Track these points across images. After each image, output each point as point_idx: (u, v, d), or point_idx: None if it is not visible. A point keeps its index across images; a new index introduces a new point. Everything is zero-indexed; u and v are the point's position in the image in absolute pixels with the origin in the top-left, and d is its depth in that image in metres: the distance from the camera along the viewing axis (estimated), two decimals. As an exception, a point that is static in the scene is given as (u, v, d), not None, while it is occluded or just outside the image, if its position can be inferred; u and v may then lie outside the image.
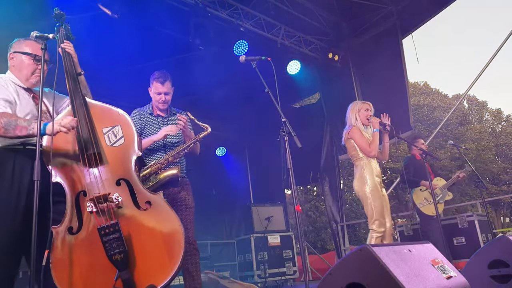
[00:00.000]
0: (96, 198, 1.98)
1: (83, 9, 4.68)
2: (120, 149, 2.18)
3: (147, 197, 2.11)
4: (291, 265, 6.30)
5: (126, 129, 2.22)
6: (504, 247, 2.44)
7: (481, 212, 5.75)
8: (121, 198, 2.04)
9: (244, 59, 2.85)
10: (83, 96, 2.23)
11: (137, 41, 5.64)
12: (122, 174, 2.13)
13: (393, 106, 6.49)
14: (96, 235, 1.93)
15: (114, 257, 1.89)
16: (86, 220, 2.02)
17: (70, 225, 2.00)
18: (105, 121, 2.23)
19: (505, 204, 24.48)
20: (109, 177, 2.10)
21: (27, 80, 2.25)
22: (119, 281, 1.89)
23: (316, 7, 6.54)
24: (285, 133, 2.53)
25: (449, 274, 2.03)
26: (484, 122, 29.19)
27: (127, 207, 2.06)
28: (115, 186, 2.08)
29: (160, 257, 1.98)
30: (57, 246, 1.95)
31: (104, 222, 1.94)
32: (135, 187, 2.11)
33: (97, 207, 1.98)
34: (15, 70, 2.27)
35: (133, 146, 2.20)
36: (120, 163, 2.16)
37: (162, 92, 3.04)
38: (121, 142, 2.20)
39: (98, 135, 2.16)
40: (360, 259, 1.80)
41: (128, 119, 2.26)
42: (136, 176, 2.15)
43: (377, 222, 3.49)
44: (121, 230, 1.93)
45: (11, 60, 2.28)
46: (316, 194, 21.60)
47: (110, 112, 2.28)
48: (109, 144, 2.18)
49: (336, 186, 7.38)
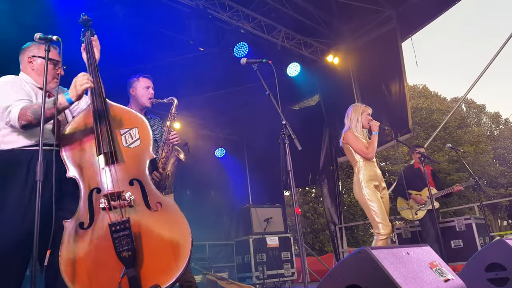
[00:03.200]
0: (109, 194, 2.04)
1: (83, 10, 4.70)
2: (136, 151, 2.24)
3: (158, 199, 2.15)
4: (289, 266, 6.31)
5: (142, 132, 2.29)
6: (501, 250, 2.45)
7: (479, 215, 5.77)
8: (133, 197, 2.08)
9: (245, 61, 2.86)
10: (104, 96, 2.29)
11: (138, 42, 5.66)
12: (136, 174, 2.18)
13: (392, 108, 6.53)
14: (106, 231, 1.96)
15: (123, 254, 1.91)
16: (97, 216, 2.05)
17: (81, 220, 2.04)
18: (123, 122, 2.30)
19: (502, 207, 24.54)
20: (123, 176, 2.14)
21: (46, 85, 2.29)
22: (125, 278, 1.91)
23: (316, 10, 6.57)
24: (286, 135, 2.55)
25: (446, 277, 2.05)
26: (482, 125, 29.29)
27: (139, 207, 2.10)
28: (128, 186, 2.13)
29: (167, 258, 2.00)
30: (67, 240, 1.98)
31: (116, 218, 1.98)
32: (147, 188, 2.16)
33: (110, 204, 2.03)
34: (35, 73, 2.31)
35: (148, 148, 2.26)
36: (134, 163, 2.21)
37: (151, 86, 3.15)
38: (137, 144, 2.26)
39: (115, 135, 2.23)
40: (359, 261, 1.82)
41: (146, 122, 2.33)
42: (149, 178, 2.20)
43: (380, 225, 3.45)
44: (131, 228, 1.96)
45: (30, 63, 2.32)
46: (314, 196, 21.62)
47: (128, 114, 2.35)
48: (125, 144, 2.24)
49: (334, 188, 7.40)
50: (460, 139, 23.75)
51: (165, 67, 6.37)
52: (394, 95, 6.55)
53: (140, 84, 3.15)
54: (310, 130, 7.63)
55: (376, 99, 6.84)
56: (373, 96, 6.88)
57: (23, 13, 3.90)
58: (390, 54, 6.55)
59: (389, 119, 6.24)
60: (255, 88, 6.76)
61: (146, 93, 3.12)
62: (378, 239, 3.45)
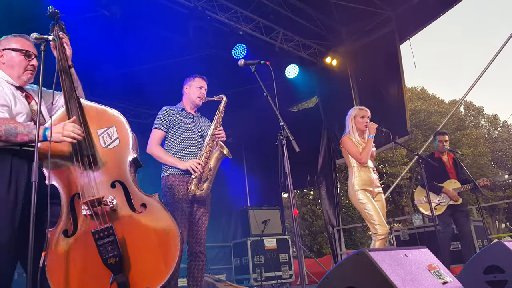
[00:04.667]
0: (89, 201, 1.96)
1: (82, 11, 4.69)
2: (115, 151, 2.15)
3: (142, 199, 2.08)
4: (287, 268, 6.29)
5: (121, 130, 2.18)
6: (499, 253, 2.45)
7: (477, 218, 5.76)
8: (116, 201, 2.02)
9: (243, 63, 2.85)
10: (78, 97, 2.18)
11: (136, 43, 5.65)
12: (117, 176, 2.10)
13: (390, 111, 6.53)
14: (90, 238, 1.91)
15: (109, 260, 1.87)
16: (81, 223, 2.00)
17: (65, 227, 1.99)
18: (100, 122, 2.19)
19: (501, 210, 24.59)
20: (104, 179, 2.07)
21: (19, 78, 2.21)
22: (114, 284, 1.88)
23: (315, 12, 6.58)
24: (283, 137, 2.54)
25: (445, 279, 2.04)
26: (481, 127, 29.36)
27: (122, 210, 2.04)
28: (110, 189, 2.06)
29: (155, 260, 1.97)
30: (53, 249, 1.94)
31: (98, 225, 1.92)
32: (130, 189, 2.09)
33: (91, 210, 1.96)
34: (6, 67, 2.22)
35: (128, 147, 2.16)
36: (115, 165, 2.13)
37: (204, 86, 3.34)
38: (116, 144, 2.16)
39: (92, 136, 2.13)
40: (357, 263, 1.81)
41: (123, 120, 2.22)
42: (131, 178, 2.12)
43: (377, 226, 3.50)
44: (116, 234, 1.92)
45: (1, 57, 2.23)
46: (312, 198, 21.60)
47: (105, 113, 2.23)
48: (104, 145, 2.14)
49: (333, 190, 7.39)
50: (459, 141, 23.78)
51: (163, 69, 6.37)
52: (393, 97, 6.56)
53: (194, 83, 3.33)
54: (309, 132, 7.62)
55: (374, 101, 6.85)
56: (371, 98, 6.89)
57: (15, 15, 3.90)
58: (389, 56, 6.56)
59: (387, 121, 6.22)
60: (253, 90, 6.75)
61: (198, 92, 3.30)
62: (376, 240, 3.51)
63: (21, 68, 2.21)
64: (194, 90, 3.32)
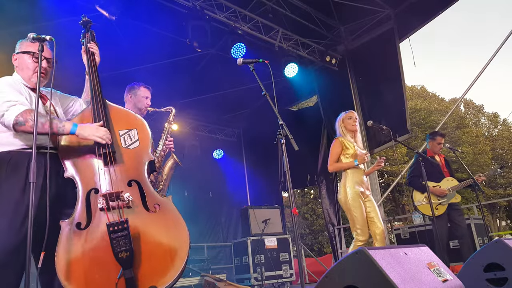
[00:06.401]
0: (108, 194, 2.03)
1: (81, 11, 4.69)
2: (135, 152, 2.25)
3: (156, 200, 2.15)
4: (287, 268, 6.29)
5: (141, 133, 2.30)
6: (500, 251, 2.44)
7: (478, 216, 5.75)
8: (132, 198, 2.08)
9: (242, 61, 2.84)
10: (103, 97, 2.30)
11: (134, 43, 5.65)
12: (134, 175, 2.18)
13: (390, 109, 6.53)
14: (104, 232, 1.95)
15: (120, 254, 1.90)
16: (95, 217, 2.05)
17: (79, 220, 2.03)
18: (122, 123, 2.31)
19: (501, 208, 24.56)
20: (122, 177, 2.15)
21: (29, 79, 2.28)
22: (122, 279, 1.90)
23: (314, 11, 6.57)
24: (282, 135, 2.54)
25: (445, 277, 2.03)
26: (481, 125, 29.34)
27: (137, 208, 2.10)
28: (126, 186, 2.13)
29: (164, 260, 2.00)
30: (64, 240, 1.97)
31: (114, 219, 1.98)
32: (145, 189, 2.16)
33: (108, 204, 2.02)
34: (19, 70, 2.30)
35: (147, 150, 2.27)
36: (133, 165, 2.21)
37: (149, 97, 3.27)
38: (136, 145, 2.26)
39: (115, 135, 2.23)
40: (357, 262, 1.81)
41: (145, 124, 2.34)
42: (147, 179, 2.20)
43: (358, 231, 3.61)
44: (129, 229, 1.95)
45: (15, 61, 2.32)
46: (313, 197, 21.61)
47: (128, 115, 2.36)
48: (124, 145, 2.24)
49: (333, 189, 7.38)
50: (459, 139, 23.78)
51: (162, 69, 6.36)
52: (392, 96, 6.55)
53: (140, 93, 3.27)
54: (309, 131, 7.62)
55: (374, 100, 6.85)
56: (371, 96, 6.89)
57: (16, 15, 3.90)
58: (388, 55, 6.55)
59: (387, 120, 6.22)
60: (253, 90, 6.75)
61: (145, 102, 3.25)
62: (355, 244, 3.62)
63: (30, 70, 2.27)
64: (140, 100, 3.25)
